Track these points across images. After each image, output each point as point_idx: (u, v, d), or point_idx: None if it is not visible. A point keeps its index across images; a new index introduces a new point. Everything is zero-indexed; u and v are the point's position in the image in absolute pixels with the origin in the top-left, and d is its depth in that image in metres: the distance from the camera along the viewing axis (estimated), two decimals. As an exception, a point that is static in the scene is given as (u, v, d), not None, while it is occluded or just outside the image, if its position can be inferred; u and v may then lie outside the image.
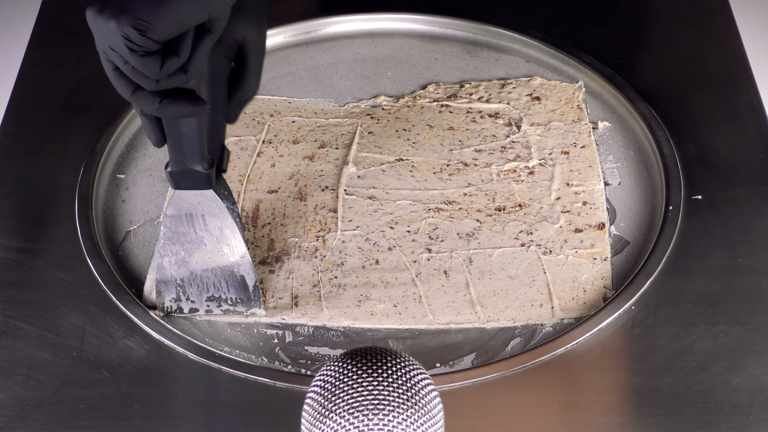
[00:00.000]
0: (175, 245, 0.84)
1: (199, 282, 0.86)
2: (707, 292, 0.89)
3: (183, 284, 0.86)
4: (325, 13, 1.16)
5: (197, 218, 0.83)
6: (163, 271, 0.85)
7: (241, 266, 0.85)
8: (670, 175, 0.97)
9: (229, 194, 0.84)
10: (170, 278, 0.85)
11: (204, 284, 0.86)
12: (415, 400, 0.62)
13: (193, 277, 0.85)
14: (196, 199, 0.81)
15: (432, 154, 1.02)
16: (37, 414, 0.81)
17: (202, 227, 0.83)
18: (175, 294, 0.86)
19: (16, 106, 1.07)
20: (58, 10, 1.18)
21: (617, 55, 1.10)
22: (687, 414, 0.81)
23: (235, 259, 0.85)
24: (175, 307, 0.87)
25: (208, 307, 0.87)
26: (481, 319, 0.88)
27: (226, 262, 0.85)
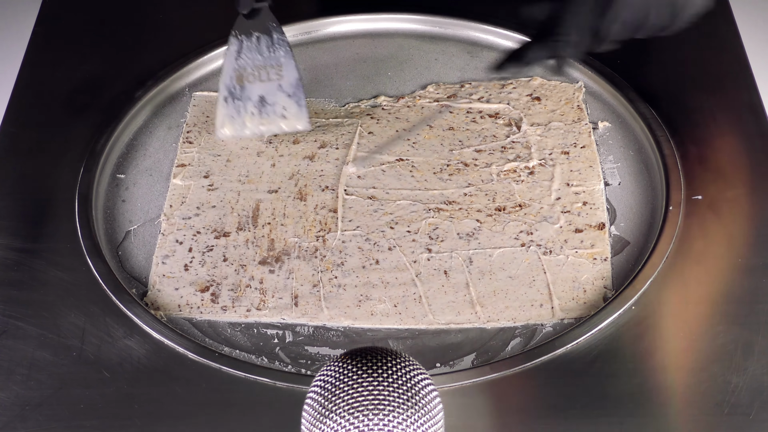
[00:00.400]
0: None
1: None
2: (707, 292, 0.89)
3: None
4: (325, 13, 1.16)
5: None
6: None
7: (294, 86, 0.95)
8: (671, 175, 0.97)
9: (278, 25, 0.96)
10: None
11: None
12: (415, 400, 0.62)
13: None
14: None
15: (432, 154, 1.02)
16: (37, 414, 0.81)
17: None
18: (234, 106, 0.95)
19: (16, 106, 1.07)
20: (58, 10, 1.18)
21: (617, 55, 1.09)
22: (687, 414, 0.81)
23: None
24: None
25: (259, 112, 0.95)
26: (481, 319, 0.88)
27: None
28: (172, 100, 1.08)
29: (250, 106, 0.96)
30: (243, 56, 0.94)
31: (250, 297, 0.90)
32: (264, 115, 0.96)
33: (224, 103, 0.95)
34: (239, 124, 0.96)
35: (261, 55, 0.95)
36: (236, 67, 0.95)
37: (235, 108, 0.95)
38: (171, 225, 0.96)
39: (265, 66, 0.95)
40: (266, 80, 0.95)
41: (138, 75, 1.09)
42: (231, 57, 0.94)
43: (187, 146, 1.03)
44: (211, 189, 0.99)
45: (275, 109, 0.96)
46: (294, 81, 0.95)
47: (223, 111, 0.95)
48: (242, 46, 0.94)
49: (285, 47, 0.94)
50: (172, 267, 0.92)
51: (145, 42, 1.15)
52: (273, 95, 0.96)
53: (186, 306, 0.90)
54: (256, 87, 0.95)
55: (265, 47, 0.94)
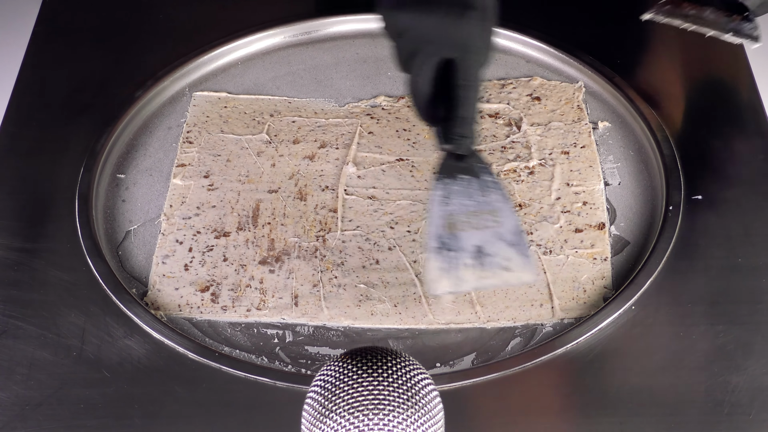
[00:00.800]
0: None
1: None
2: (707, 292, 0.89)
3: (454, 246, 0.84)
4: (325, 13, 1.16)
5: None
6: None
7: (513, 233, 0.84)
8: (671, 175, 0.97)
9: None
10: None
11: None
12: (416, 399, 0.62)
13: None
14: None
15: (432, 154, 1.02)
16: (38, 414, 0.81)
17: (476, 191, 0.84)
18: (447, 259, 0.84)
19: (16, 106, 1.07)
20: (58, 10, 1.18)
21: (617, 55, 1.10)
22: (687, 414, 0.81)
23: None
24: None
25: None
26: (481, 319, 0.88)
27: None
28: (172, 100, 1.08)
29: (466, 257, 0.83)
30: (452, 202, 0.84)
31: (250, 297, 0.90)
32: (483, 268, 0.83)
33: (435, 254, 0.83)
34: (455, 278, 0.83)
35: (472, 200, 0.84)
36: (445, 214, 0.83)
37: (448, 260, 0.83)
38: (171, 225, 0.96)
39: (478, 212, 0.84)
40: (481, 228, 0.83)
41: (138, 75, 1.09)
42: (437, 203, 0.83)
43: (187, 146, 1.03)
44: (211, 189, 0.99)
45: (495, 260, 0.83)
46: (514, 228, 0.83)
47: (436, 264, 0.83)
48: (449, 191, 0.84)
49: (499, 190, 0.84)
50: (172, 267, 0.92)
51: (145, 42, 1.15)
52: (491, 245, 0.83)
53: (186, 306, 0.90)
54: (470, 236, 0.83)
55: (476, 191, 0.84)
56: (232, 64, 1.12)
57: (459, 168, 0.84)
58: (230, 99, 1.08)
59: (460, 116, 0.80)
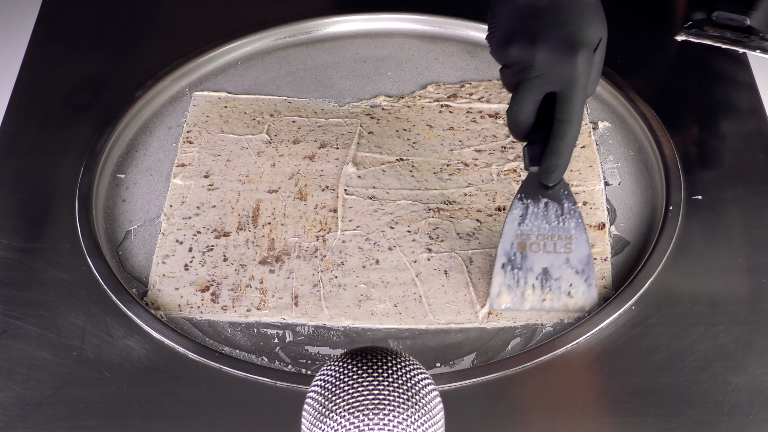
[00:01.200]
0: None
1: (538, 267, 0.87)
2: (707, 292, 0.89)
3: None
4: (325, 13, 1.16)
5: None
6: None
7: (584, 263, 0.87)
8: (671, 176, 0.97)
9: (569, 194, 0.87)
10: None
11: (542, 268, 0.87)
12: (416, 399, 0.62)
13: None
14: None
15: (432, 154, 1.02)
16: (38, 414, 0.81)
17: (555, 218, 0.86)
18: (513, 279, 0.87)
19: (16, 106, 1.06)
20: (58, 10, 1.18)
21: (617, 55, 1.10)
22: (687, 414, 0.81)
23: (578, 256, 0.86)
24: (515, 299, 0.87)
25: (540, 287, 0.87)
26: (481, 319, 0.88)
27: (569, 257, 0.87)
28: (173, 100, 1.08)
29: (532, 277, 0.87)
30: (528, 222, 0.86)
31: (251, 297, 0.90)
32: (546, 290, 0.87)
33: (501, 270, 0.86)
34: (518, 296, 0.87)
35: (548, 224, 0.86)
36: (519, 233, 0.86)
37: (513, 277, 0.87)
38: (171, 225, 0.96)
39: (552, 236, 0.86)
40: (552, 251, 0.86)
41: (138, 75, 1.09)
42: (513, 221, 0.86)
43: (187, 146, 1.03)
44: (212, 189, 0.99)
45: (560, 284, 0.86)
46: (585, 258, 0.86)
47: (500, 279, 0.86)
48: (527, 211, 0.86)
49: (577, 218, 0.86)
50: (173, 267, 0.92)
51: (145, 42, 1.15)
52: (559, 269, 0.86)
53: (186, 306, 0.90)
54: (540, 257, 0.87)
55: (554, 215, 0.86)
56: (232, 64, 1.12)
57: (542, 192, 0.86)
58: (230, 99, 1.08)
59: (556, 149, 0.82)
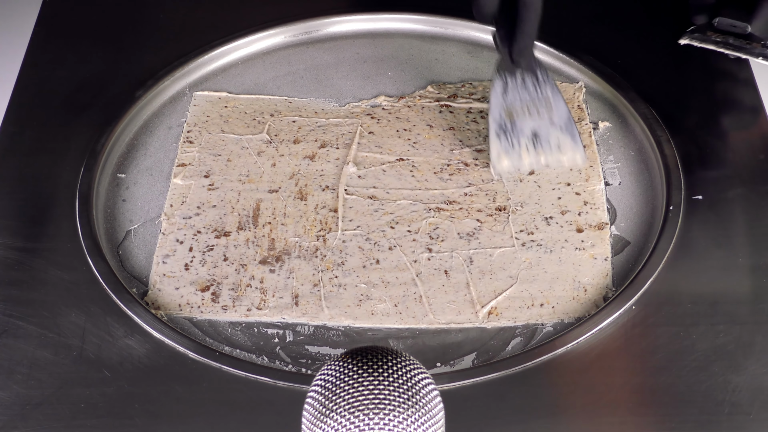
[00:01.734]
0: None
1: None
2: (707, 292, 0.89)
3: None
4: (325, 13, 1.16)
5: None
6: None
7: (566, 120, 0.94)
8: (671, 176, 0.97)
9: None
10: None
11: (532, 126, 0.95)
12: (416, 399, 0.62)
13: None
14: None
15: (432, 154, 1.02)
16: (38, 413, 0.81)
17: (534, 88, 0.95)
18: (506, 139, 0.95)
19: (16, 106, 1.06)
20: (58, 10, 1.18)
21: (617, 55, 1.10)
22: (687, 414, 0.81)
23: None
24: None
25: (533, 146, 0.95)
26: (481, 319, 0.88)
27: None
28: (173, 99, 1.08)
29: (524, 139, 0.95)
30: (509, 93, 0.94)
31: (251, 296, 0.90)
32: (539, 148, 0.95)
33: (496, 138, 0.94)
34: (516, 157, 0.95)
35: (528, 93, 0.94)
36: (504, 104, 0.94)
37: (508, 141, 0.95)
38: (171, 224, 0.96)
39: (533, 102, 0.95)
40: (537, 115, 0.94)
41: (138, 75, 1.09)
42: (497, 94, 0.94)
43: (187, 146, 1.03)
44: (212, 188, 0.99)
45: (550, 142, 0.95)
46: (565, 116, 0.95)
47: (497, 145, 0.94)
48: (507, 85, 0.94)
49: (551, 84, 0.94)
50: (173, 266, 0.92)
51: (145, 42, 1.15)
52: (546, 129, 0.95)
53: (186, 305, 0.90)
54: (527, 122, 0.95)
55: (532, 85, 0.94)
56: (232, 64, 1.12)
57: (517, 66, 0.94)
58: (231, 99, 1.08)
59: (522, 31, 0.92)
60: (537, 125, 0.94)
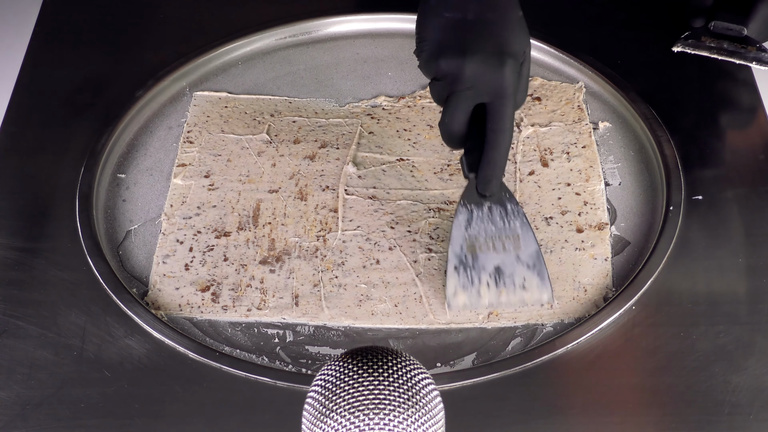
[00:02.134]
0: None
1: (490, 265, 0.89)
2: (707, 292, 0.89)
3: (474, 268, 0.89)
4: (325, 13, 1.16)
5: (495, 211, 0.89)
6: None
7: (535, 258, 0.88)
8: (671, 176, 0.97)
9: (511, 196, 0.89)
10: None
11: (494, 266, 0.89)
12: (416, 399, 0.62)
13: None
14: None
15: (432, 154, 1.02)
16: (38, 413, 0.81)
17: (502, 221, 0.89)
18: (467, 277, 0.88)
19: (16, 106, 1.06)
20: (58, 10, 1.18)
21: (617, 55, 1.10)
22: (687, 414, 0.81)
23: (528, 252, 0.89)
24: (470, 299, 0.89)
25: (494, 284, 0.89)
26: (481, 319, 0.88)
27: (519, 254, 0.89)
28: (173, 99, 1.08)
29: (485, 275, 0.88)
30: (474, 226, 0.88)
31: (251, 297, 0.90)
32: (501, 286, 0.88)
33: (454, 272, 0.88)
34: (474, 294, 0.88)
35: (494, 226, 0.89)
36: (466, 236, 0.88)
37: (467, 277, 0.88)
38: (172, 224, 0.96)
39: (500, 236, 0.89)
40: (502, 251, 0.88)
41: (138, 75, 1.09)
42: (460, 226, 0.88)
43: (187, 146, 1.03)
44: (212, 189, 0.99)
45: (514, 280, 0.88)
46: (534, 253, 0.88)
47: (455, 280, 0.88)
48: (472, 216, 0.88)
49: (522, 218, 0.89)
50: (173, 266, 0.92)
51: (145, 42, 1.15)
52: (511, 266, 0.88)
53: (186, 305, 0.90)
54: (490, 257, 0.89)
55: (499, 217, 0.89)
56: (232, 64, 1.12)
57: (484, 197, 0.88)
58: (231, 99, 1.08)
59: (491, 160, 0.84)
60: (501, 261, 0.88)
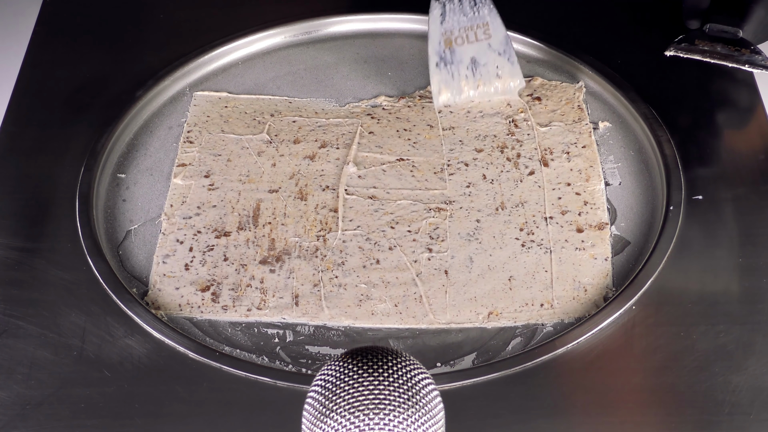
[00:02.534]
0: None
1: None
2: (707, 292, 0.89)
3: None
4: (325, 13, 1.16)
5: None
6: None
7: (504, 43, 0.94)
8: (671, 176, 0.97)
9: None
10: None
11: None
12: (416, 399, 0.62)
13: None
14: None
15: (433, 154, 1.02)
16: (38, 413, 0.81)
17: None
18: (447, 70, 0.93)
19: (16, 106, 1.07)
20: (58, 10, 1.18)
21: (617, 55, 1.10)
22: (688, 414, 0.81)
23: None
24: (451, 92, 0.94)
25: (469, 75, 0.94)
26: (481, 319, 0.88)
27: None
28: (173, 99, 1.08)
29: (463, 68, 0.94)
30: (448, 19, 0.92)
31: (251, 296, 0.90)
32: (478, 77, 0.94)
33: (437, 69, 0.93)
34: (455, 88, 0.93)
35: (465, 16, 0.93)
36: (443, 31, 0.93)
37: (448, 72, 0.93)
38: (172, 224, 0.96)
39: (471, 26, 0.93)
40: (475, 41, 0.93)
41: (138, 75, 1.09)
42: (436, 21, 0.92)
43: (187, 146, 1.03)
44: (212, 188, 0.99)
45: (488, 68, 0.94)
46: (502, 38, 0.93)
47: (438, 77, 0.93)
48: (445, 9, 0.92)
49: (488, 4, 0.93)
50: (173, 266, 0.92)
51: (145, 42, 1.15)
52: (484, 55, 0.94)
53: (186, 305, 0.90)
54: (466, 49, 0.93)
55: (469, 7, 0.92)
56: (232, 64, 1.12)
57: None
58: (231, 99, 1.08)
59: None
60: (476, 51, 0.92)
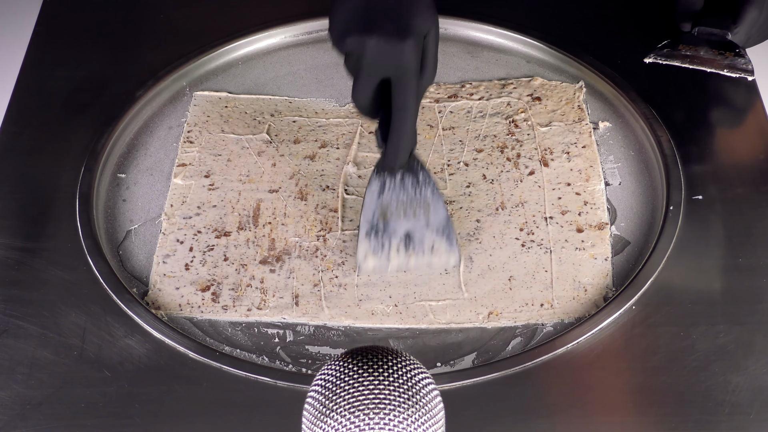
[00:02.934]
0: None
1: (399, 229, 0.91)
2: (707, 292, 0.89)
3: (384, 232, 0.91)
4: (325, 13, 1.15)
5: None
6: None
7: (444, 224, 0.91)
8: (671, 175, 0.97)
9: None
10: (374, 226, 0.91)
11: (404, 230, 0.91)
12: (416, 399, 0.62)
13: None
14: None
15: (433, 154, 1.02)
16: (38, 413, 0.81)
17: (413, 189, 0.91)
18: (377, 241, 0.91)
19: (16, 106, 1.07)
20: (58, 10, 1.18)
21: (617, 55, 1.10)
22: (687, 414, 0.81)
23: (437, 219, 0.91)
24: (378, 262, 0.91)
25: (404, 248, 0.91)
26: (481, 319, 0.88)
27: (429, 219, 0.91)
28: (173, 99, 1.08)
29: (395, 241, 0.91)
30: (386, 194, 0.90)
31: (251, 296, 0.90)
32: (410, 250, 0.91)
33: (366, 238, 0.90)
34: (384, 258, 0.91)
35: (406, 194, 0.90)
36: (379, 204, 0.90)
37: (378, 242, 0.91)
38: (172, 224, 0.96)
39: (411, 203, 0.90)
40: (412, 218, 0.90)
41: (138, 75, 1.09)
42: (373, 194, 0.90)
43: (187, 146, 1.03)
44: (212, 188, 0.99)
45: (423, 245, 0.91)
46: (443, 219, 0.90)
47: (365, 245, 0.91)
48: (385, 184, 0.90)
49: (432, 186, 0.90)
50: (173, 266, 0.92)
51: (145, 42, 1.15)
52: (420, 231, 0.90)
53: (187, 305, 0.90)
54: (401, 223, 0.91)
55: (411, 186, 0.90)
56: (232, 64, 1.12)
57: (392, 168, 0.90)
58: (231, 99, 1.08)
59: (395, 135, 0.86)
60: (411, 227, 0.90)
